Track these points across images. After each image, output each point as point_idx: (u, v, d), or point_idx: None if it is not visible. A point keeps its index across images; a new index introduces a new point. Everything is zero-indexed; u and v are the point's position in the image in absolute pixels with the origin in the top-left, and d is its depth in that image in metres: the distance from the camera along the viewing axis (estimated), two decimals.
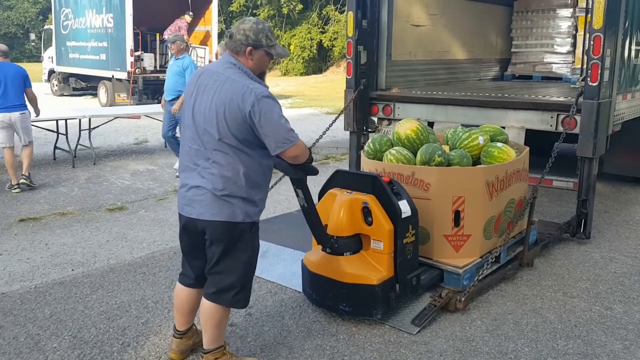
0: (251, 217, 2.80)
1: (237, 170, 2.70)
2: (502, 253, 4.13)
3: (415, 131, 4.15)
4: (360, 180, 3.60)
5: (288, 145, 2.71)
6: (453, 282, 3.82)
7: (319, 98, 19.06)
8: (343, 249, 3.46)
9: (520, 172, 4.26)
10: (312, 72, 29.72)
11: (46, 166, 8.07)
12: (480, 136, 4.21)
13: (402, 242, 3.41)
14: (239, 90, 2.64)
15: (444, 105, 5.43)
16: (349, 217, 3.46)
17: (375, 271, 3.41)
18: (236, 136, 2.66)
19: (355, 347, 3.25)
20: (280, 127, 2.69)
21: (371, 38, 5.71)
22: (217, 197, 2.72)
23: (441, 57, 7.06)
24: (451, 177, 3.88)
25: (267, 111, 2.64)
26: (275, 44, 2.82)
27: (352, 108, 5.62)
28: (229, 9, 29.43)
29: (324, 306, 3.64)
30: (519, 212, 4.30)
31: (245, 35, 2.73)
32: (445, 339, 3.35)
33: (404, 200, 3.45)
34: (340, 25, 27.49)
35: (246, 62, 2.76)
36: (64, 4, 16.79)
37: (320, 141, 5.86)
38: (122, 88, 14.47)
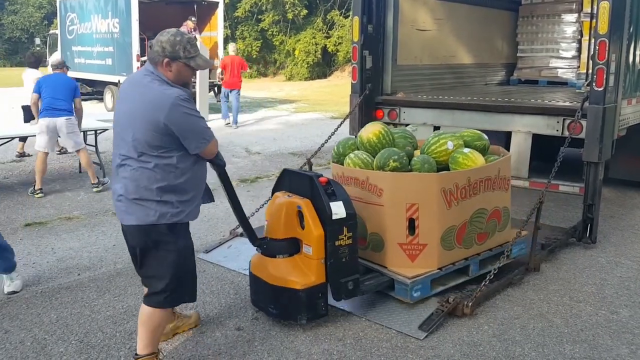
0: (168, 218, 2.78)
1: (148, 175, 2.72)
2: (472, 265, 3.97)
3: (377, 135, 4.04)
4: (301, 181, 3.54)
5: (205, 145, 2.80)
6: (402, 292, 3.69)
7: (323, 103, 19.08)
8: (276, 251, 3.46)
9: (493, 180, 4.02)
10: (316, 77, 29.76)
11: (52, 171, 8.10)
12: (449, 141, 4.04)
13: (333, 245, 3.33)
14: (154, 97, 2.69)
15: (450, 110, 5.44)
16: (285, 220, 3.43)
17: (303, 276, 3.37)
18: (150, 143, 2.68)
19: (363, 351, 3.26)
20: (199, 127, 2.76)
21: (376, 43, 5.72)
22: (130, 201, 2.76)
23: (447, 62, 7.07)
24: (404, 183, 3.74)
25: (185, 114, 2.69)
26: (195, 56, 2.82)
27: (358, 113, 5.63)
28: (234, 14, 29.52)
29: (258, 307, 3.69)
30: (494, 223, 4.10)
31: (161, 47, 2.76)
32: (453, 344, 3.35)
33: (339, 202, 3.37)
34: (344, 30, 27.53)
35: (165, 72, 2.79)
36: (69, 8, 16.88)
37: (325, 145, 5.87)
38: None
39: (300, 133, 12.42)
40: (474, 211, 3.89)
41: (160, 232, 2.78)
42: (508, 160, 4.25)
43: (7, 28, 43.96)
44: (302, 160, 7.26)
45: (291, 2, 28.44)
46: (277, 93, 23.31)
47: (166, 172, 2.74)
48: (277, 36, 30.42)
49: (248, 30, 30.77)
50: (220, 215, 5.76)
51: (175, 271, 2.85)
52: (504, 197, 4.17)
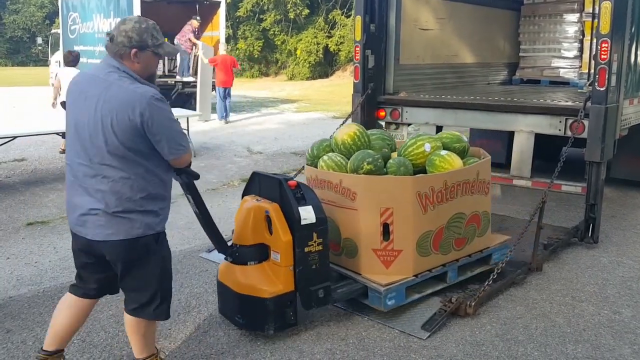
0: (153, 228, 2.63)
1: (131, 184, 2.52)
2: (450, 272, 3.84)
3: (352, 136, 3.88)
4: (270, 185, 3.40)
5: (181, 152, 2.60)
6: (375, 300, 3.53)
7: (325, 102, 19.08)
8: (246, 258, 3.31)
9: (472, 183, 3.88)
10: (318, 77, 29.76)
11: (54, 170, 8.11)
12: (426, 143, 3.90)
13: (302, 251, 3.20)
14: (127, 96, 2.45)
15: (453, 109, 5.44)
16: (253, 225, 3.29)
17: (270, 284, 3.23)
18: (127, 146, 2.47)
19: (365, 351, 3.26)
20: (173, 131, 2.56)
21: (379, 42, 5.72)
22: (111, 216, 2.53)
23: (449, 61, 7.07)
24: (378, 187, 3.59)
25: (160, 115, 2.48)
26: (162, 43, 2.62)
27: (360, 112, 5.63)
28: (235, 14, 29.53)
29: (225, 316, 3.54)
30: (473, 228, 3.97)
31: (128, 36, 2.52)
32: (455, 344, 3.35)
33: (309, 206, 3.22)
34: (346, 30, 27.53)
35: (132, 65, 2.55)
36: (71, 8, 16.88)
37: None
38: None
39: (302, 132, 12.41)
40: (451, 216, 3.76)
41: (147, 243, 2.62)
42: (488, 162, 4.12)
43: (9, 27, 44.04)
44: (303, 160, 7.25)
45: (293, 2, 28.46)
46: (279, 93, 23.32)
47: (147, 180, 2.56)
48: (278, 36, 30.43)
49: (250, 29, 30.78)
50: (222, 215, 5.76)
51: (161, 281, 2.73)
52: (483, 201, 4.03)
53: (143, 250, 2.62)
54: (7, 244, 5.05)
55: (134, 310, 2.74)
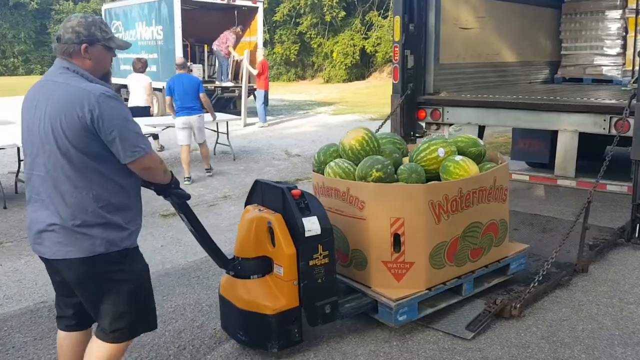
0: (118, 245, 2.36)
1: (87, 194, 2.29)
2: (465, 284, 3.63)
3: (360, 141, 3.67)
4: (273, 194, 3.21)
5: (139, 154, 2.32)
6: (385, 315, 3.34)
7: (362, 104, 19.05)
8: (248, 271, 3.14)
9: (489, 190, 3.66)
10: (354, 79, 29.74)
11: None
12: (440, 147, 3.68)
13: (307, 265, 3.02)
14: (75, 95, 2.25)
15: (495, 109, 5.37)
16: (255, 236, 3.12)
17: (274, 299, 3.06)
18: (79, 149, 2.26)
19: (409, 353, 3.25)
20: (128, 131, 2.31)
21: (418, 42, 5.69)
22: (68, 230, 2.29)
23: (490, 60, 6.98)
24: (388, 195, 3.38)
25: (112, 113, 2.26)
26: (112, 36, 2.45)
27: (399, 113, 5.62)
28: (272, 18, 29.81)
29: (227, 332, 3.38)
30: (490, 237, 3.75)
31: (75, 32, 2.35)
32: (500, 346, 3.31)
33: (313, 217, 3.04)
34: (383, 31, 27.42)
35: (83, 63, 2.37)
36: (114, 16, 17.36)
37: None
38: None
39: (339, 135, 12.31)
40: (466, 225, 3.56)
41: (112, 261, 2.36)
42: (505, 168, 3.91)
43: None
44: None
45: (329, 5, 28.51)
46: (315, 95, 23.40)
47: (106, 188, 2.32)
48: (315, 39, 30.54)
49: (286, 34, 31.00)
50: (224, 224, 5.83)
51: (134, 302, 2.45)
52: (501, 209, 3.82)
53: (106, 269, 2.35)
54: None
55: (100, 331, 2.49)
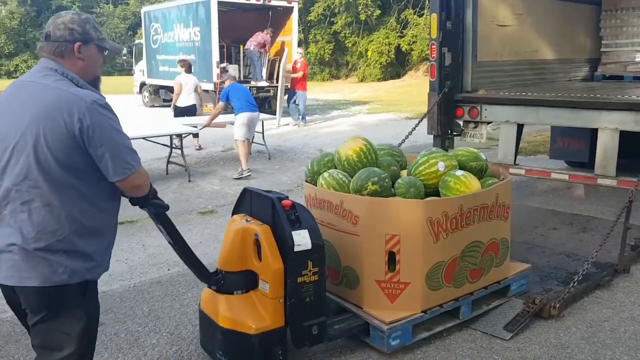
0: (80, 276, 2.09)
1: (58, 213, 2.01)
2: (463, 307, 3.43)
3: (357, 152, 3.48)
4: (262, 203, 2.99)
5: (130, 172, 2.10)
6: (377, 339, 3.15)
7: (397, 103, 18.96)
8: (231, 286, 2.93)
9: (490, 207, 3.46)
10: (389, 78, 29.60)
11: None
12: (440, 161, 3.49)
13: (294, 281, 2.81)
14: (63, 100, 1.99)
15: (534, 107, 5.28)
16: (240, 249, 2.93)
17: (257, 318, 2.85)
18: (60, 162, 1.99)
19: (447, 351, 3.24)
20: (120, 145, 2.07)
21: (455, 39, 5.64)
22: (29, 253, 2.01)
23: (529, 58, 6.86)
24: (383, 210, 3.19)
25: (103, 124, 2.03)
26: (105, 38, 2.26)
27: (436, 111, 5.58)
28: (307, 18, 29.92)
29: (206, 350, 3.18)
30: (490, 257, 3.54)
31: (68, 29, 2.12)
32: (539, 346, 3.27)
33: (304, 230, 2.83)
34: (419, 29, 27.22)
35: (74, 64, 2.13)
36: (153, 19, 17.71)
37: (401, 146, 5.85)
38: (208, 98, 15.02)
39: (374, 134, 12.39)
40: (466, 244, 3.35)
41: (70, 294, 2.08)
42: (508, 184, 3.69)
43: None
44: None
45: (364, 3, 28.46)
46: (350, 95, 23.39)
47: (81, 209, 2.06)
48: (349, 38, 30.53)
49: (321, 33, 31.08)
50: None
51: (83, 342, 2.17)
52: (502, 227, 3.63)
53: (63, 301, 2.09)
54: None
55: None
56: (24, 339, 3.46)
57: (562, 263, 4.53)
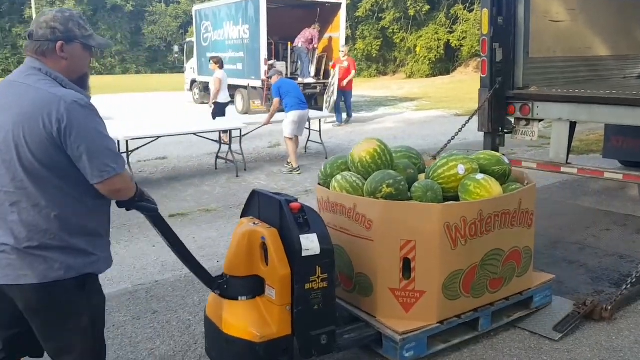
0: (78, 270, 2.08)
1: (47, 213, 2.01)
2: (482, 319, 3.26)
3: (372, 154, 3.34)
4: (270, 206, 2.86)
5: (109, 175, 2.02)
6: (390, 350, 3.01)
7: (446, 100, 18.73)
8: (236, 292, 2.81)
9: (513, 214, 3.29)
10: (438, 74, 29.27)
11: (191, 167, 8.76)
12: (460, 164, 3.32)
13: (302, 288, 2.68)
14: (42, 100, 1.96)
15: (588, 104, 5.14)
16: (247, 253, 2.80)
17: (262, 326, 2.71)
18: (42, 163, 1.97)
19: (494, 351, 3.22)
20: (99, 146, 2.01)
21: (507, 35, 5.55)
22: (22, 252, 2.02)
23: (583, 54, 6.66)
24: (398, 215, 3.04)
25: (82, 124, 1.97)
26: (92, 34, 2.17)
27: (487, 108, 5.50)
28: (355, 14, 29.88)
29: (211, 358, 3.07)
30: (512, 266, 3.37)
31: (50, 27, 2.06)
32: (590, 348, 3.20)
33: (313, 235, 2.69)
34: (469, 25, 26.79)
35: (57, 64, 2.09)
36: (204, 17, 18.06)
37: (451, 143, 5.81)
38: (256, 95, 15.26)
39: (422, 131, 12.32)
40: (486, 252, 3.19)
41: (68, 289, 2.07)
42: (532, 190, 3.48)
43: (148, 38, 47.93)
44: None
45: None
46: (397, 91, 23.24)
47: (70, 208, 2.05)
48: (397, 34, 30.32)
49: (368, 29, 30.98)
50: None
51: (91, 339, 2.18)
52: (525, 235, 3.43)
53: (63, 298, 2.08)
54: (152, 233, 5.52)
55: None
56: None
57: (614, 265, 4.41)
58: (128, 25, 47.64)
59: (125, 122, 13.73)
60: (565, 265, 4.44)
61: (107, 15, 46.60)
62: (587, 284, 4.02)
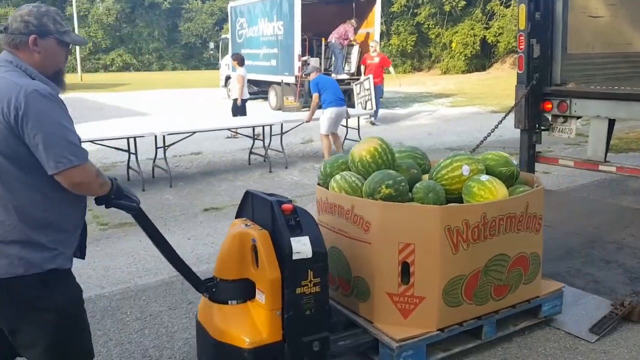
0: (39, 266, 2.01)
1: (5, 204, 1.98)
2: (486, 326, 3.10)
3: (372, 153, 3.21)
4: (262, 207, 2.74)
5: (64, 166, 1.95)
6: (386, 358, 2.88)
7: (482, 96, 18.49)
8: (226, 295, 2.71)
9: (519, 217, 3.12)
10: (474, 70, 28.92)
11: (225, 162, 8.88)
12: (464, 165, 3.18)
13: (292, 292, 2.57)
14: (5, 90, 1.95)
15: (628, 102, 5.02)
16: (237, 255, 2.71)
17: (252, 331, 2.61)
18: (3, 153, 1.95)
19: (528, 350, 3.19)
20: (57, 137, 1.95)
21: (545, 30, 5.46)
22: None
23: (622, 50, 6.50)
24: (397, 217, 2.91)
25: (40, 113, 1.93)
26: (68, 30, 2.15)
27: (524, 104, 5.43)
28: (389, 9, 29.72)
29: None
30: (518, 273, 3.20)
31: (24, 21, 2.06)
32: (628, 350, 3.14)
33: (304, 237, 2.59)
34: (505, 20, 26.38)
35: (29, 57, 2.07)
36: (239, 14, 18.23)
37: (487, 140, 5.75)
38: (290, 92, 15.34)
39: (457, 127, 12.20)
40: (490, 257, 3.04)
41: (30, 286, 2.01)
42: (540, 192, 3.31)
43: (184, 35, 48.64)
44: None
45: None
46: (432, 87, 23.05)
47: (32, 201, 2.00)
48: (433, 29, 30.05)
49: (403, 25, 30.78)
50: None
51: (55, 339, 2.08)
52: (533, 241, 3.26)
53: (25, 296, 2.02)
54: (188, 226, 5.67)
55: None
56: (119, 313, 3.74)
57: None
58: (165, 23, 48.45)
59: (161, 118, 13.99)
60: (603, 264, 4.35)
61: (145, 12, 47.47)
62: (625, 284, 3.94)
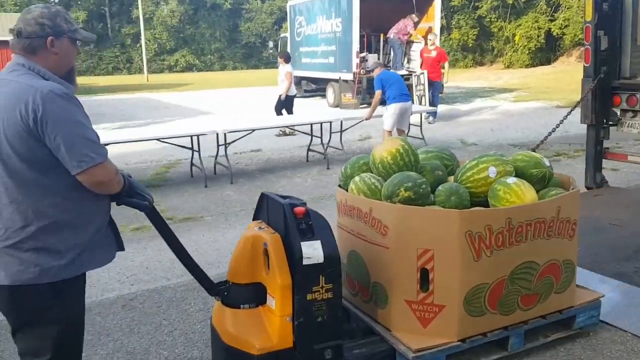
0: (52, 275, 1.99)
1: (25, 209, 1.97)
2: (513, 337, 2.92)
3: (393, 154, 3.08)
4: (276, 210, 2.67)
5: (87, 165, 1.95)
6: None
7: (547, 91, 17.90)
8: (238, 299, 2.66)
9: (549, 223, 2.92)
10: (539, 63, 27.99)
11: (284, 159, 9.00)
12: (491, 166, 3.00)
13: (303, 298, 2.50)
14: (20, 92, 1.93)
15: None
16: (249, 259, 2.65)
17: (263, 337, 2.55)
18: (22, 157, 1.93)
19: (593, 351, 3.07)
20: (77, 136, 1.95)
21: (613, 22, 5.23)
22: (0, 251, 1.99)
23: None
24: (414, 221, 2.78)
25: (58, 113, 1.92)
26: (78, 28, 2.15)
27: (591, 98, 5.23)
28: (450, 3, 29.20)
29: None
30: (549, 282, 3.00)
31: (39, 24, 2.03)
32: None
33: (316, 242, 2.52)
34: (572, 12, 25.40)
35: (46, 60, 2.06)
36: (298, 12, 18.39)
37: (552, 136, 5.57)
38: (347, 89, 15.34)
39: (521, 123, 11.87)
40: (516, 265, 2.86)
41: (42, 294, 2.00)
42: (575, 196, 3.09)
43: (244, 34, 49.51)
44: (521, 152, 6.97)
45: None
46: (495, 82, 22.50)
47: (50, 203, 1.99)
48: (495, 22, 29.31)
49: (464, 18, 30.17)
50: None
51: (62, 348, 2.09)
52: (566, 247, 3.05)
53: (35, 303, 2.01)
54: (248, 222, 5.68)
55: None
56: (183, 304, 3.85)
57: None
58: (226, 23, 49.47)
59: (223, 116, 14.31)
60: None
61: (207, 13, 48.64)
62: None
